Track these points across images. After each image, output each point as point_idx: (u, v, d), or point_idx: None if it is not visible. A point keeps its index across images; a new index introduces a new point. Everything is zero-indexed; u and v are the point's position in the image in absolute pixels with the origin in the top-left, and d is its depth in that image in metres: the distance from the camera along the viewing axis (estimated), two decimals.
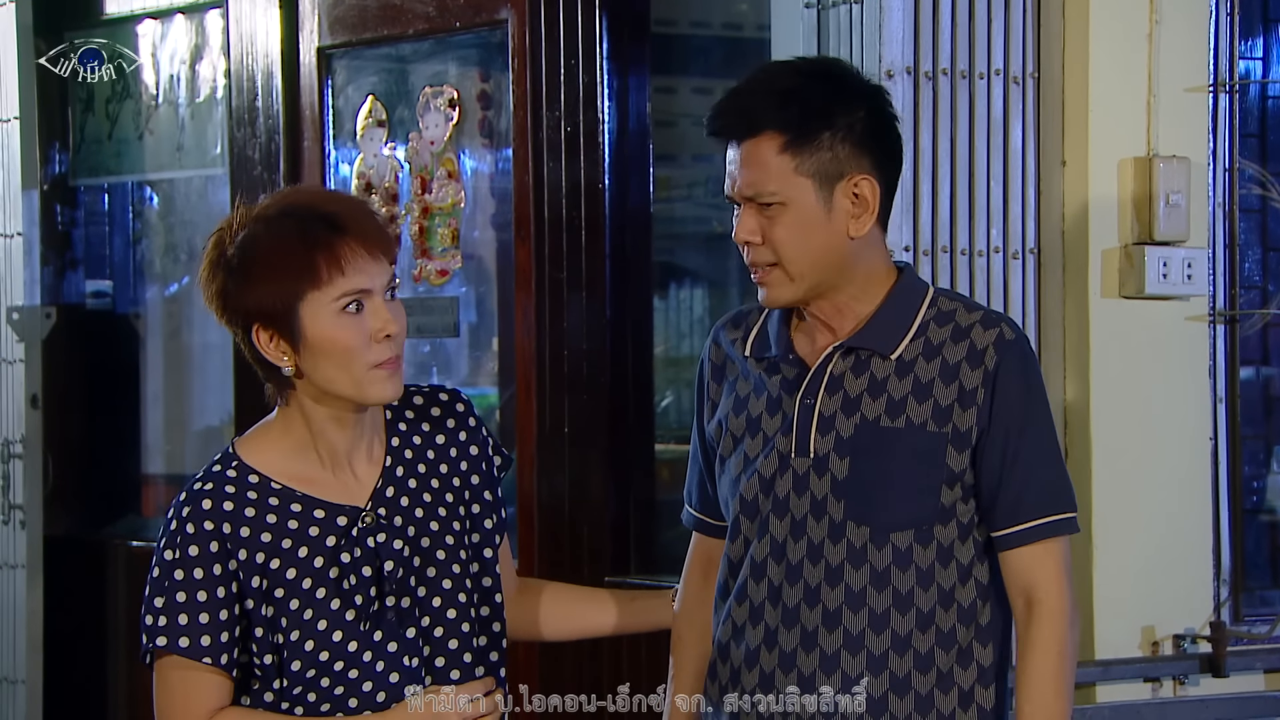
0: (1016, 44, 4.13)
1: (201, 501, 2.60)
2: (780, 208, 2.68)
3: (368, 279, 2.58)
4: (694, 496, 2.93)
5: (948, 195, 4.08)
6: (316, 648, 2.59)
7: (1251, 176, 4.38)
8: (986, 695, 2.71)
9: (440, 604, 2.65)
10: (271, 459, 2.64)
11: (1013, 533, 2.69)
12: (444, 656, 2.65)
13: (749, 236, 2.70)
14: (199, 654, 2.58)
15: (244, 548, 2.59)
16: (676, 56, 5.11)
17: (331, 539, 2.61)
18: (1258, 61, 4.47)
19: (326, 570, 2.60)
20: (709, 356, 2.87)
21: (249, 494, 2.61)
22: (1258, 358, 4.48)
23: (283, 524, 2.60)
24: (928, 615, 2.69)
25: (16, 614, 5.97)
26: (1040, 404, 2.72)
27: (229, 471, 2.63)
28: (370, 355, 2.58)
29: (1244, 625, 4.27)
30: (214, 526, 2.58)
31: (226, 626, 2.59)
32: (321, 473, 2.64)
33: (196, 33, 5.93)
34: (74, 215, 6.29)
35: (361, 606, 2.60)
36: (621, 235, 4.72)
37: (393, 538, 2.63)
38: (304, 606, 2.59)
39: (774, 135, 2.68)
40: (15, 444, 5.99)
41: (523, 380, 4.84)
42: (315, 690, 2.60)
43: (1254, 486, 4.46)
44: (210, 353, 6.05)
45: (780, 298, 2.73)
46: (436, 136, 5.12)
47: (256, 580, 2.59)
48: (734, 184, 2.71)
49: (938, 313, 2.75)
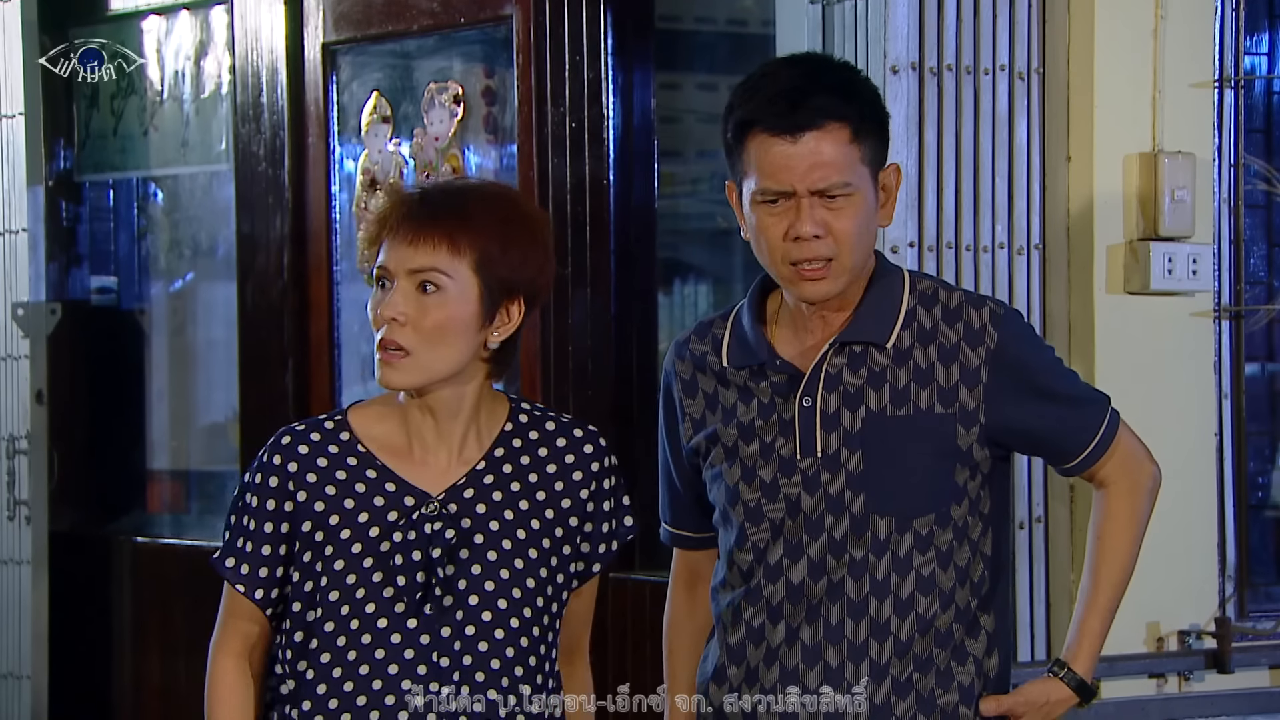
0: (1022, 39, 4.13)
1: (283, 439, 2.67)
2: (847, 199, 2.69)
3: (394, 261, 2.59)
4: (669, 514, 2.95)
5: (953, 191, 4.08)
6: (350, 613, 2.60)
7: (1257, 172, 4.38)
8: (991, 663, 2.77)
9: (490, 620, 2.62)
10: (372, 425, 2.67)
11: (1082, 459, 2.82)
12: (484, 673, 2.61)
13: (817, 230, 2.69)
14: (236, 580, 2.65)
15: (306, 491, 2.63)
16: (681, 52, 5.11)
17: (393, 514, 2.62)
18: (1263, 57, 4.46)
19: (379, 542, 2.61)
20: (675, 372, 2.86)
21: (331, 447, 2.65)
22: (1263, 353, 4.48)
23: (351, 484, 2.63)
24: (948, 595, 2.74)
25: (22, 609, 5.97)
26: (1045, 349, 2.85)
27: (327, 423, 2.68)
28: (378, 334, 2.61)
29: (1249, 621, 4.27)
30: (282, 462, 2.64)
31: (269, 563, 2.64)
32: (409, 452, 2.66)
33: (201, 29, 5.93)
34: (79, 211, 6.29)
35: (403, 588, 2.60)
36: (626, 231, 4.72)
37: (447, 529, 2.62)
38: (348, 570, 2.60)
39: (843, 125, 2.69)
40: (20, 440, 6.00)
41: (527, 376, 4.84)
42: (334, 655, 2.60)
43: (1259, 482, 4.45)
44: (215, 349, 6.05)
45: (830, 291, 2.73)
46: (441, 132, 5.12)
47: (308, 526, 2.62)
48: (800, 177, 2.68)
49: (921, 296, 2.78)
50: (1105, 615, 2.84)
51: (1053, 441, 2.82)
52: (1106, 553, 2.83)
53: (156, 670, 5.86)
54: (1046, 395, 2.79)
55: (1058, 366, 2.84)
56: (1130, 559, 2.84)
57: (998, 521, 2.81)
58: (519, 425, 2.69)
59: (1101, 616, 2.83)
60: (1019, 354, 2.77)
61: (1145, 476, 2.85)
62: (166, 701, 5.81)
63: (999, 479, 2.82)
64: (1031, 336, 2.85)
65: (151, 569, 5.95)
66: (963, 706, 2.74)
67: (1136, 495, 2.84)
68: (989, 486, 2.79)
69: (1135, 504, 2.84)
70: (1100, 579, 2.82)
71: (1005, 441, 2.78)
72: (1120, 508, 2.83)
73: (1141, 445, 2.87)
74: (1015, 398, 2.75)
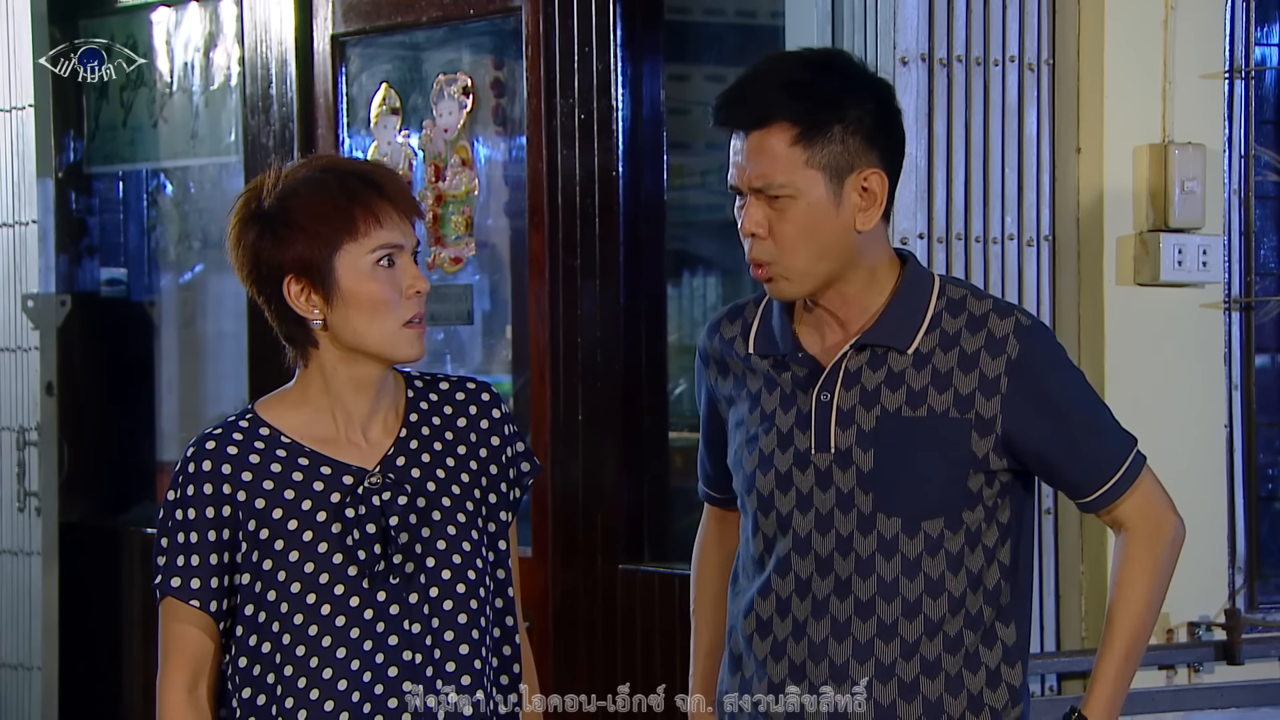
0: (1031, 30, 4.12)
1: (206, 444, 2.64)
2: (789, 200, 2.67)
3: (401, 236, 2.62)
4: (705, 478, 2.99)
5: (962, 182, 4.07)
6: (319, 600, 2.60)
7: (1267, 163, 4.37)
8: (1010, 673, 2.74)
9: (450, 577, 2.64)
10: (285, 417, 2.67)
11: (1098, 497, 2.76)
12: (452, 630, 2.64)
13: (755, 228, 2.69)
14: (187, 596, 2.62)
15: (244, 491, 2.61)
16: (690, 44, 5.10)
17: (336, 495, 2.63)
18: (1273, 48, 4.45)
19: (329, 525, 2.62)
20: (705, 348, 2.88)
21: (256, 444, 2.64)
22: (1273, 345, 4.47)
23: (287, 475, 2.63)
24: (958, 599, 2.71)
25: (32, 601, 5.98)
26: (1071, 371, 2.78)
27: (241, 422, 2.67)
28: (402, 311, 2.62)
29: (1259, 613, 4.26)
30: (213, 468, 2.62)
31: (217, 572, 2.62)
32: (334, 435, 2.67)
33: (211, 20, 5.93)
34: (89, 203, 6.29)
35: (365, 562, 2.61)
36: (635, 223, 4.72)
37: (398, 497, 2.64)
38: (304, 559, 2.60)
39: (786, 127, 2.67)
40: (31, 431, 6.00)
41: (536, 368, 4.84)
42: (308, 646, 2.59)
43: (1269, 474, 4.45)
44: (225, 340, 6.05)
45: (785, 293, 2.73)
46: (450, 124, 5.12)
47: (253, 525, 2.61)
48: (742, 174, 2.70)
49: (948, 302, 2.75)
50: (1122, 663, 2.74)
51: (1065, 470, 2.75)
52: (1123, 600, 2.75)
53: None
54: (1064, 418, 2.73)
55: (1083, 393, 2.78)
56: (1149, 607, 2.75)
57: (1018, 533, 2.77)
58: (418, 391, 2.74)
59: (1118, 664, 2.74)
60: (1040, 369, 2.72)
61: (1169, 525, 2.78)
62: None
63: (1020, 491, 2.77)
64: (1058, 355, 2.77)
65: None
66: (970, 714, 2.71)
67: (1158, 543, 2.77)
68: (1009, 497, 2.75)
69: (1156, 552, 2.76)
70: (1115, 626, 2.75)
71: (1021, 459, 2.73)
72: (1140, 552, 2.76)
73: (1165, 495, 2.80)
74: (1032, 414, 2.71)
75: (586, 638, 4.68)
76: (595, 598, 4.67)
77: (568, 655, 4.72)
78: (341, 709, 2.59)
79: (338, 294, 2.61)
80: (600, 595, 4.66)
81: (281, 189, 2.65)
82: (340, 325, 2.63)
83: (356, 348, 2.64)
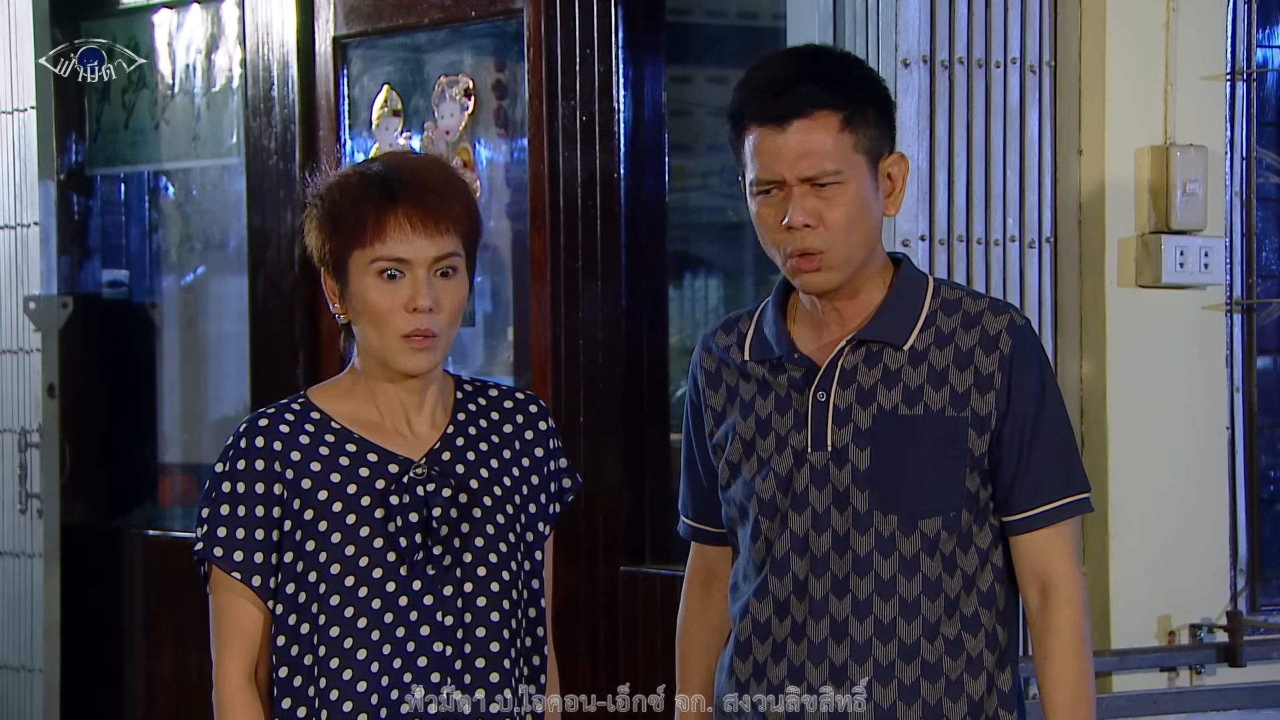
0: (1033, 32, 4.12)
1: (259, 421, 2.67)
2: (838, 187, 2.68)
3: (409, 250, 2.62)
4: (689, 507, 2.94)
5: (964, 184, 4.07)
6: (357, 583, 2.61)
7: (1269, 165, 4.37)
8: (1005, 677, 2.74)
9: (485, 574, 2.66)
10: (336, 404, 2.70)
11: (1028, 516, 2.71)
12: (484, 627, 2.65)
13: (808, 219, 2.68)
14: (233, 568, 2.62)
15: (293, 470, 2.64)
16: (692, 46, 5.11)
17: (381, 482, 2.65)
18: (1275, 50, 4.46)
19: (373, 510, 2.63)
20: (700, 364, 2.86)
21: (306, 426, 2.67)
22: (1275, 347, 4.48)
23: (335, 459, 2.65)
24: (954, 601, 2.71)
25: (33, 603, 5.99)
26: (1052, 387, 2.75)
27: (294, 405, 2.70)
28: (399, 323, 2.63)
29: (1261, 614, 4.26)
30: (265, 444, 2.64)
31: (263, 548, 2.63)
32: (382, 425, 2.69)
33: (212, 22, 5.93)
34: (90, 205, 6.29)
35: (405, 550, 2.62)
36: (637, 225, 4.72)
37: (441, 489, 2.65)
38: (346, 542, 2.62)
39: (832, 113, 2.68)
40: (33, 433, 6.01)
41: (538, 370, 4.84)
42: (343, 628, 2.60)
43: (1271, 476, 4.45)
44: (226, 342, 6.05)
45: (828, 283, 2.71)
46: (452, 126, 5.12)
47: (298, 504, 2.63)
48: (789, 165, 2.68)
49: (943, 301, 2.75)
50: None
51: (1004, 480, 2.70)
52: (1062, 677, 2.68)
53: (168, 663, 5.87)
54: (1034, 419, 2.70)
55: (1061, 411, 2.74)
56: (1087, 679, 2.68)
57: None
58: (466, 394, 2.77)
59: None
60: (1030, 366, 2.71)
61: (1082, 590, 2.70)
62: (178, 694, 5.81)
63: None
64: (1047, 363, 2.76)
65: (163, 562, 5.95)
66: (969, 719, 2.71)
67: (1080, 608, 2.70)
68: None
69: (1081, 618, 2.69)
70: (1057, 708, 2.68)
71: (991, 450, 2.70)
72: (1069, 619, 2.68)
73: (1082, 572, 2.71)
74: (1008, 405, 2.70)
75: (587, 638, 4.68)
76: (596, 599, 4.67)
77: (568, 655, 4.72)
78: (372, 692, 2.60)
79: (349, 296, 2.66)
80: (601, 596, 4.66)
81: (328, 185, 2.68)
82: (355, 326, 2.68)
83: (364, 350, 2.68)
